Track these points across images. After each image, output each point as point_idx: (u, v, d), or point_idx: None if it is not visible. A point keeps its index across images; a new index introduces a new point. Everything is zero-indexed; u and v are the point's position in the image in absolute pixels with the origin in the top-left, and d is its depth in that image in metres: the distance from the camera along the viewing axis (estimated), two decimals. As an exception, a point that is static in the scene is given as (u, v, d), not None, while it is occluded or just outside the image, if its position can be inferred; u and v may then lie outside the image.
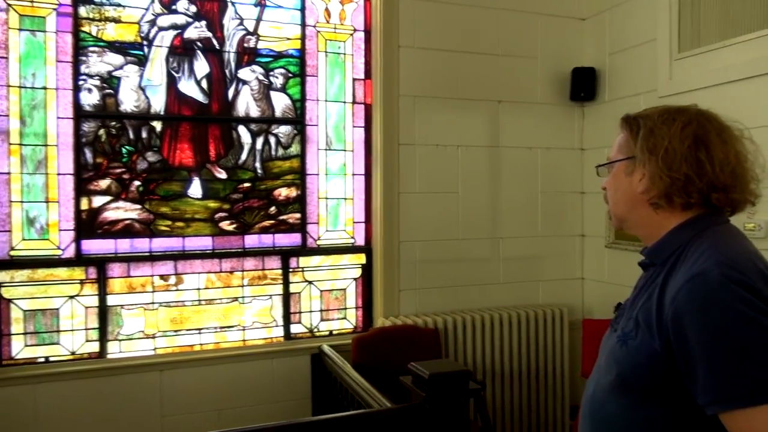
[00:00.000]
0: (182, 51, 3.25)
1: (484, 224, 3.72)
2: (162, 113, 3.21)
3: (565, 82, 3.84)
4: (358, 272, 3.60)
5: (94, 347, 3.10)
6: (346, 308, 3.59)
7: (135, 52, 3.16)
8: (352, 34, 3.57)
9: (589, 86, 3.76)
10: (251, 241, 3.39)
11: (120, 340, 3.15)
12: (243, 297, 3.38)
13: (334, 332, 3.55)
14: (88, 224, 3.09)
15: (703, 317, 0.96)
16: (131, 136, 3.16)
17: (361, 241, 3.61)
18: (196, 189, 3.28)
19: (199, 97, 3.28)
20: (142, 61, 3.17)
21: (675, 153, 1.08)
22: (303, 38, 3.46)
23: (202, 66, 3.28)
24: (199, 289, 3.29)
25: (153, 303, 3.21)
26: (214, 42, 3.31)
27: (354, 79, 3.58)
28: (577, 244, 3.97)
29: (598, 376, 1.17)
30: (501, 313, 3.55)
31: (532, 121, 3.81)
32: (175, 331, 3.25)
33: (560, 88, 3.86)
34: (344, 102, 3.56)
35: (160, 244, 3.21)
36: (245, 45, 3.37)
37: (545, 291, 3.87)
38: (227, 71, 3.34)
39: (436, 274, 3.61)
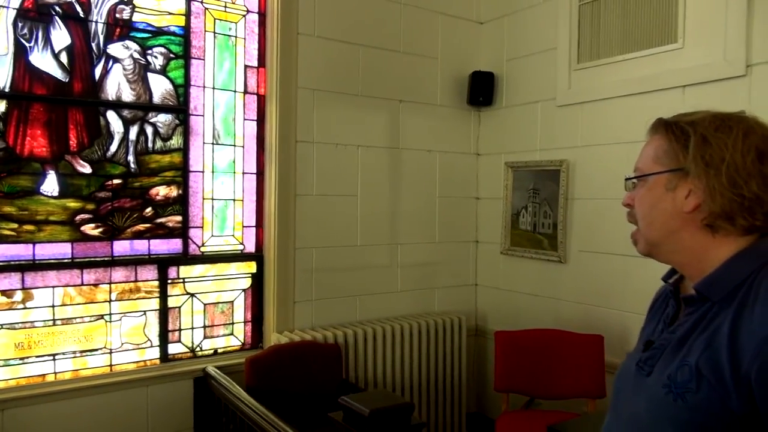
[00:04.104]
0: (35, 15, 2.64)
1: (383, 229, 3.53)
2: (7, 90, 2.59)
3: (464, 85, 3.77)
4: (247, 282, 3.22)
5: None
6: (233, 323, 3.18)
7: (-30, 10, 2.51)
8: (244, 16, 3.18)
9: (488, 91, 3.72)
10: (121, 248, 2.87)
11: (-56, 374, 2.49)
12: (110, 314, 2.84)
13: (220, 351, 3.14)
14: None
15: None
16: (-37, 116, 2.51)
17: (251, 247, 3.23)
18: (51, 185, 2.70)
19: (57, 73, 2.70)
20: (-20, 24, 2.53)
21: (738, 167, 0.93)
22: (188, 14, 3.01)
23: (61, 36, 2.71)
24: (53, 306, 2.71)
25: (-9, 325, 2.58)
26: (78, 8, 2.74)
27: (246, 66, 3.19)
28: (471, 251, 3.92)
29: None
30: (402, 323, 3.37)
31: (432, 123, 3.69)
32: (22, 359, 2.65)
33: (459, 91, 3.78)
34: (234, 91, 3.16)
35: (2, 251, 2.59)
36: (117, 16, 2.84)
37: (441, 298, 3.77)
38: (94, 45, 2.79)
39: (333, 283, 3.34)
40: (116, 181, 2.84)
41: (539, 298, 3.51)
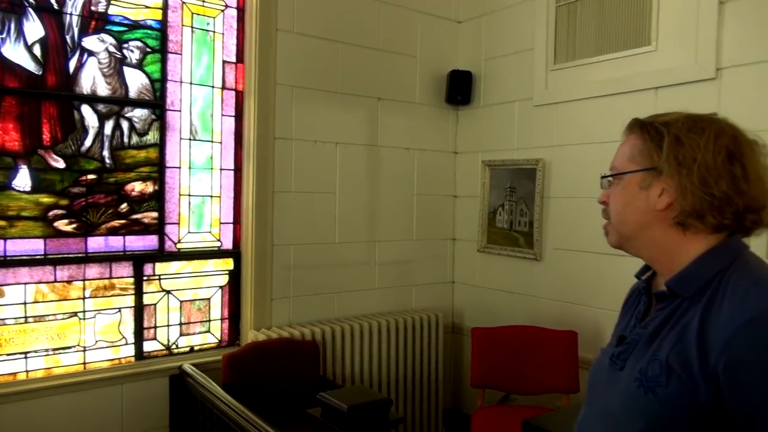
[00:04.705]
0: (7, 6, 2.59)
1: (361, 227, 3.54)
2: (-23, 83, 2.54)
3: (442, 84, 3.80)
4: (224, 279, 3.20)
5: None
6: (210, 320, 3.17)
7: (-61, 0, 2.45)
8: (223, 11, 3.16)
9: (466, 90, 3.75)
10: (96, 244, 2.83)
11: None
12: (84, 311, 2.81)
13: (196, 348, 3.12)
14: None
15: None
16: (-68, 108, 2.45)
17: (228, 244, 3.21)
18: (23, 180, 2.65)
19: (30, 66, 2.65)
20: (-51, 14, 2.47)
21: (708, 167, 0.96)
22: (165, 8, 2.97)
23: (34, 28, 2.65)
24: (25, 303, 2.66)
25: (-40, 323, 2.53)
26: (51, 0, 2.70)
27: (224, 62, 3.16)
28: (449, 248, 3.95)
29: (609, 426, 1.02)
30: (379, 320, 3.39)
31: (410, 122, 3.71)
32: (-8, 357, 2.60)
33: (437, 90, 3.80)
34: (212, 86, 3.13)
35: (-28, 248, 2.54)
36: (92, 8, 2.80)
37: (418, 295, 3.80)
38: (68, 38, 2.74)
39: (311, 280, 3.34)
40: (91, 177, 2.80)
41: (515, 295, 3.55)
